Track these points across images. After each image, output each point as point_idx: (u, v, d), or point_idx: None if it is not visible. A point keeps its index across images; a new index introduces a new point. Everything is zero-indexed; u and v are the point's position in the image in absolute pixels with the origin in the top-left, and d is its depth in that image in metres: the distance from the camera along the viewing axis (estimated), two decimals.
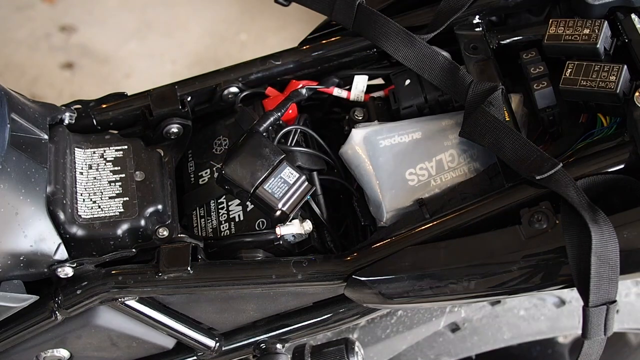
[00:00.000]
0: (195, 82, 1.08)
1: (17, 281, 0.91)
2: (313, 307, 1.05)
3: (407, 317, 1.24)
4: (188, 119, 1.05)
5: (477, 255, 0.88)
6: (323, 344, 1.00)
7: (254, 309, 1.03)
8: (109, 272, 0.93)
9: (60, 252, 0.90)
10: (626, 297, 1.35)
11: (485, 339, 1.33)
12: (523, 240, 0.85)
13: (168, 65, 2.63)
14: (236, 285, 0.94)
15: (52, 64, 2.67)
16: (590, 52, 0.92)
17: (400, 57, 0.99)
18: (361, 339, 1.24)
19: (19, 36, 2.72)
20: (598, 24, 0.92)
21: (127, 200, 0.95)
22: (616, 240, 0.80)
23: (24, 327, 0.96)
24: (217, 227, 1.01)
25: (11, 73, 2.66)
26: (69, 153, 0.96)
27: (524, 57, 0.97)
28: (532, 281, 0.86)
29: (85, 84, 2.62)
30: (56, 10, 2.78)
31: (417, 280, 0.89)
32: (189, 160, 1.08)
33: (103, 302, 0.95)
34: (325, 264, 0.93)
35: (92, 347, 1.03)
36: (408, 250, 0.90)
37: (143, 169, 0.99)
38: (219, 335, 1.07)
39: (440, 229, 0.90)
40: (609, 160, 0.88)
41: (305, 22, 2.67)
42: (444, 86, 0.97)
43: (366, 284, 0.91)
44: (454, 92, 0.96)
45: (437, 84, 0.98)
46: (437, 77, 0.98)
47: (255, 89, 1.07)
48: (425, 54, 0.98)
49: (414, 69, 0.99)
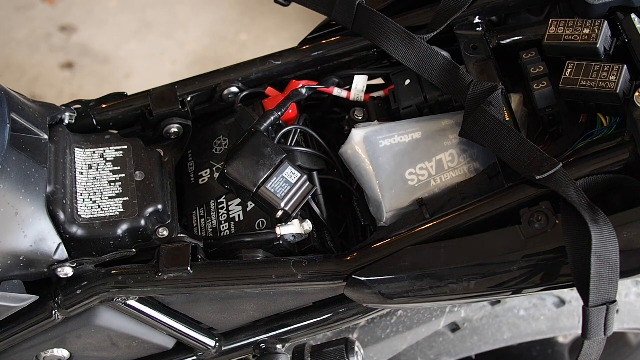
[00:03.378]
0: (195, 82, 1.08)
1: (17, 281, 0.91)
2: (313, 307, 1.05)
3: (407, 317, 1.24)
4: (188, 119, 1.05)
5: (477, 255, 0.88)
6: (323, 344, 1.00)
7: (254, 309, 1.03)
8: (109, 272, 0.93)
9: (60, 252, 0.90)
10: (626, 297, 1.35)
11: (485, 339, 1.33)
12: (523, 241, 0.85)
13: (168, 65, 2.64)
14: (236, 285, 0.94)
15: (52, 64, 2.67)
16: (590, 52, 0.92)
17: (400, 57, 0.99)
18: (361, 339, 1.24)
19: (19, 36, 2.72)
20: (598, 24, 0.92)
21: (127, 200, 0.95)
22: (616, 240, 0.80)
23: (24, 327, 0.96)
24: (217, 227, 1.01)
25: (11, 73, 2.66)
26: (69, 153, 0.96)
27: (524, 57, 0.97)
28: (532, 281, 0.86)
29: (85, 84, 2.62)
30: (56, 11, 2.78)
31: (417, 280, 0.89)
32: (189, 160, 1.08)
33: (103, 302, 0.95)
34: (325, 264, 0.93)
35: (92, 347, 1.03)
36: (408, 250, 0.90)
37: (143, 169, 0.99)
38: (219, 335, 1.07)
39: (440, 229, 0.90)
40: (609, 160, 0.88)
41: (305, 22, 2.67)
42: (444, 86, 0.97)
43: (366, 284, 0.91)
44: (454, 92, 0.96)
45: (437, 84, 0.98)
46: (437, 76, 0.98)
47: (255, 89, 1.08)
48: (425, 53, 0.98)
49: (414, 68, 0.99)
